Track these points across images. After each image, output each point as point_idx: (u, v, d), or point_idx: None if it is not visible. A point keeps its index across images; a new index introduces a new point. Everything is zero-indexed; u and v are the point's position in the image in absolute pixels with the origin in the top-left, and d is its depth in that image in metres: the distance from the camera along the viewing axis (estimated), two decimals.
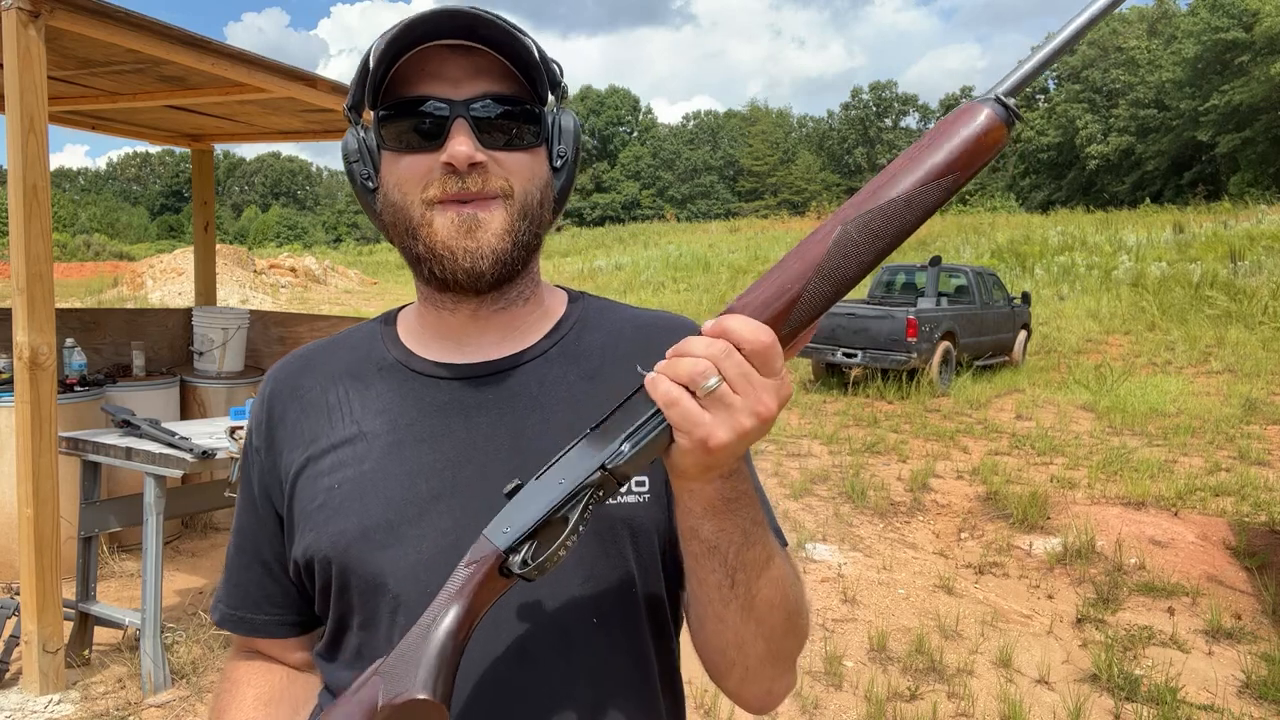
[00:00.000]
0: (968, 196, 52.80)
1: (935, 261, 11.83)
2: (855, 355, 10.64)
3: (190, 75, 4.10)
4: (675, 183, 69.25)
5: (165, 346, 5.87)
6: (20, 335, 3.08)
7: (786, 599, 0.82)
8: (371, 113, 0.86)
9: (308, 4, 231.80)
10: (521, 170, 0.85)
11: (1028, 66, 0.69)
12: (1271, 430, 8.51)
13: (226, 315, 5.71)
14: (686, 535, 0.77)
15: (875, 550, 5.28)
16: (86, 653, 3.55)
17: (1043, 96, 51.30)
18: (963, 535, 5.59)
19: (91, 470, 3.52)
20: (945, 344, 10.91)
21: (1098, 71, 46.88)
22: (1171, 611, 4.41)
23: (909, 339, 10.28)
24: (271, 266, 27.94)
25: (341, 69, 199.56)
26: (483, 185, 0.82)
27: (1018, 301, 13.10)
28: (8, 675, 3.32)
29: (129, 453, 3.36)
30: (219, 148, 6.46)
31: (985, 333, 11.89)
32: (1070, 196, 44.01)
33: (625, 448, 0.69)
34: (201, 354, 5.63)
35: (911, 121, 74.53)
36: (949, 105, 71.51)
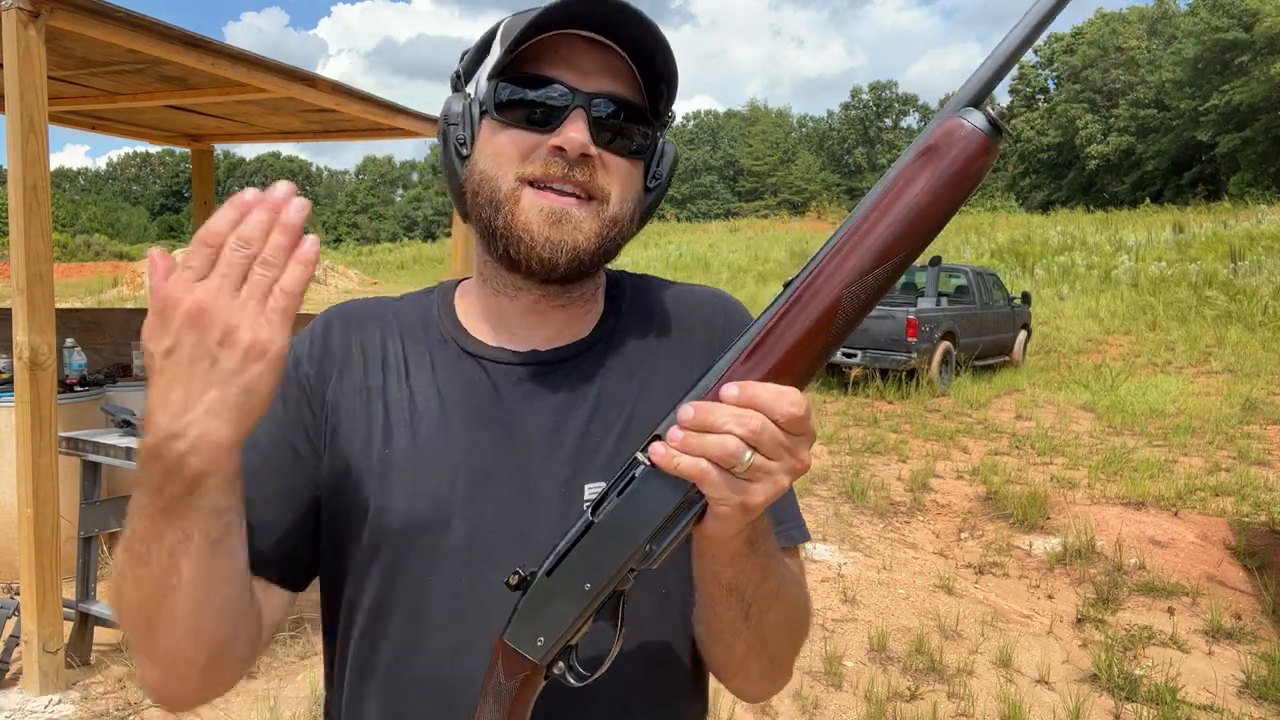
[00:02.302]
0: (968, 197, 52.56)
1: (935, 261, 11.84)
2: (855, 355, 10.64)
3: (190, 75, 4.10)
4: (675, 182, 69.27)
5: None
6: (20, 335, 3.08)
7: (792, 620, 0.84)
8: (488, 83, 0.84)
9: (307, 3, 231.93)
10: (623, 177, 0.85)
11: (991, 62, 0.63)
12: (1271, 430, 8.51)
13: None
14: (707, 580, 0.77)
15: (875, 550, 5.28)
16: (85, 652, 3.55)
17: (1043, 96, 51.32)
18: (963, 535, 5.59)
19: (91, 470, 3.52)
20: (945, 344, 10.91)
21: (1098, 71, 46.87)
22: (1171, 611, 4.41)
23: (909, 339, 10.28)
24: None
25: (341, 69, 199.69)
26: (586, 178, 0.82)
27: (1018, 301, 13.10)
28: (8, 675, 3.32)
29: (129, 453, 3.36)
30: (219, 148, 6.46)
31: (985, 333, 11.89)
32: (1070, 196, 44.00)
33: (653, 548, 0.68)
34: None
35: (912, 121, 74.54)
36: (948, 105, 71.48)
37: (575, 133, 0.80)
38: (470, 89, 0.87)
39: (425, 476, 0.85)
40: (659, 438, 0.66)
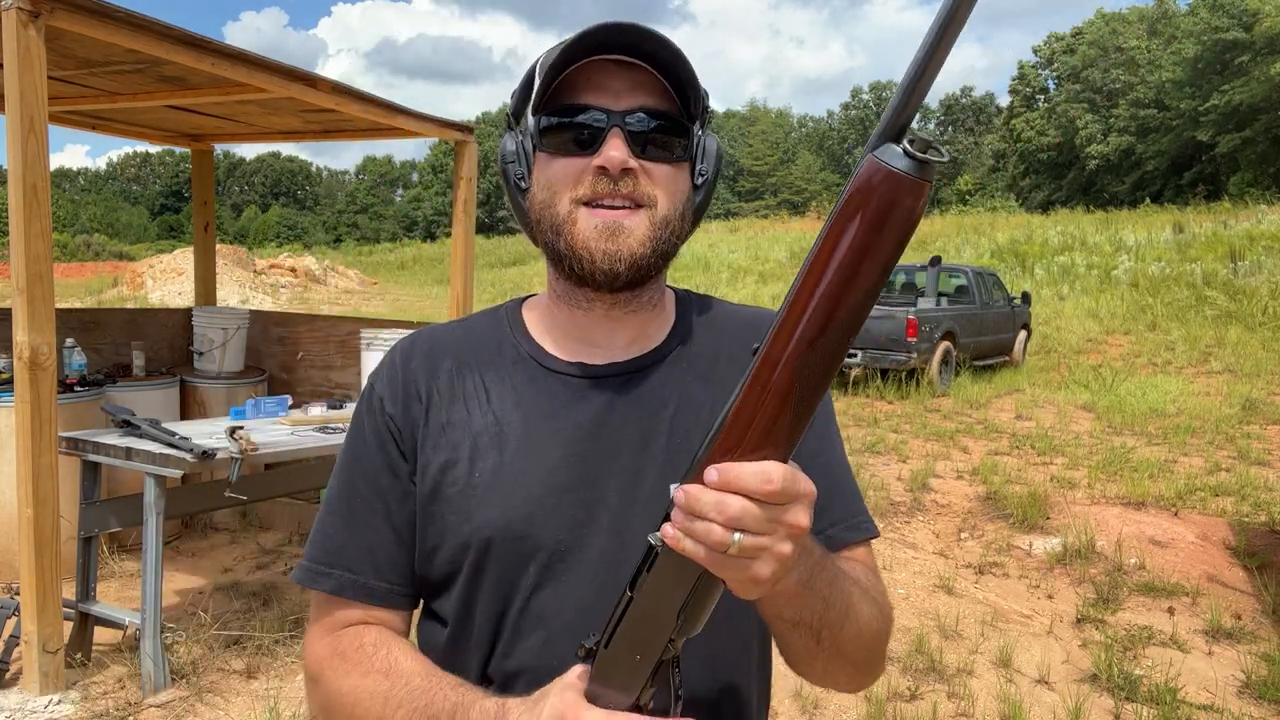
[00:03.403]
0: (968, 196, 52.69)
1: (935, 261, 11.84)
2: (855, 355, 10.64)
3: (190, 75, 4.10)
4: None
5: (165, 346, 5.87)
6: (20, 335, 3.07)
7: (869, 629, 0.85)
8: (532, 118, 0.91)
9: (307, 3, 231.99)
10: (667, 182, 0.90)
11: (903, 85, 0.57)
12: (1271, 430, 8.51)
13: (226, 315, 5.71)
14: (771, 619, 0.79)
15: (875, 550, 5.27)
16: (83, 653, 3.55)
17: (1043, 96, 51.26)
18: (963, 535, 5.59)
19: (91, 470, 3.52)
20: (945, 344, 10.91)
21: (1098, 71, 46.83)
22: (1171, 611, 4.41)
23: (909, 339, 10.29)
24: (271, 266, 27.95)
25: (341, 69, 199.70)
26: (631, 189, 0.87)
27: (1018, 301, 13.10)
28: (8, 675, 3.32)
29: (129, 453, 3.36)
30: (219, 148, 6.46)
31: (985, 333, 11.89)
32: (1070, 196, 43.96)
33: (681, 619, 0.70)
34: (201, 354, 5.63)
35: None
36: (949, 106, 71.56)
37: (614, 150, 0.86)
38: (520, 126, 0.94)
39: (516, 490, 0.89)
40: (669, 517, 0.66)
